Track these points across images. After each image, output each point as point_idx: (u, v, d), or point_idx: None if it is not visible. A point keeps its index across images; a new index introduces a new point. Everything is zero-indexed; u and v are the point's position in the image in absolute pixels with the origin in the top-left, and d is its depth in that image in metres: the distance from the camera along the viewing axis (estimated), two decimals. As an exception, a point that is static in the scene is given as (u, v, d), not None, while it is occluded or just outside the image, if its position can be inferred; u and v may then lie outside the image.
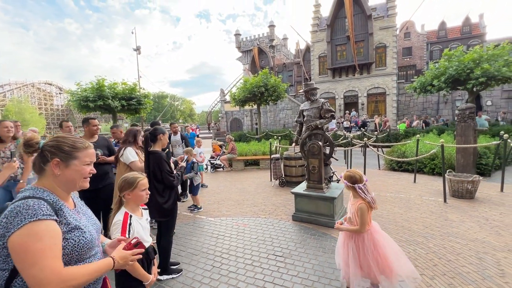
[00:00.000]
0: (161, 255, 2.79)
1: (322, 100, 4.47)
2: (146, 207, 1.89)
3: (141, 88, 19.90)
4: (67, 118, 55.33)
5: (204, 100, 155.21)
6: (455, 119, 7.04)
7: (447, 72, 11.66)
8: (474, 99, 12.32)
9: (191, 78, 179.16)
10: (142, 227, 1.70)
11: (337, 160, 5.01)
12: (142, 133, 3.26)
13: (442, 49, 25.00)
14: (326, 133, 4.32)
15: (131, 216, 1.60)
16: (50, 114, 52.48)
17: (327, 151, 4.39)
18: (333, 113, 4.26)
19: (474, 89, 11.52)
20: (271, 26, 39.52)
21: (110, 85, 13.11)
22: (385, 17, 20.96)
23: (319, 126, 4.20)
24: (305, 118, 4.64)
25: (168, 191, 2.75)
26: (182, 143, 6.09)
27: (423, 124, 16.12)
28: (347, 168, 8.14)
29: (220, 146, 10.60)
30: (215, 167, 9.38)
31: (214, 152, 10.20)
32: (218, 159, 9.57)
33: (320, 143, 4.06)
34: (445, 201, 4.87)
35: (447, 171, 5.48)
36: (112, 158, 3.36)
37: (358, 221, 2.13)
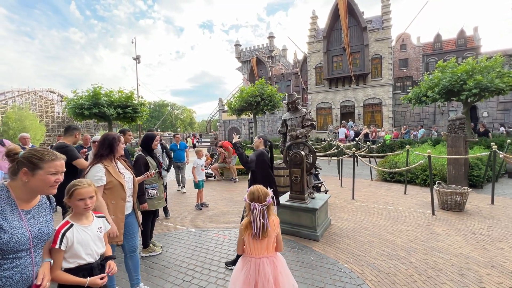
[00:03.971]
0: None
1: (305, 110, 4.44)
2: (102, 214, 1.80)
3: (139, 96, 19.92)
4: (67, 126, 55.48)
5: (205, 109, 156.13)
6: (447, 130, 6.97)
7: (441, 83, 11.69)
8: (468, 110, 12.31)
9: (192, 87, 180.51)
10: (91, 237, 1.58)
11: (320, 169, 4.92)
12: (122, 139, 2.63)
13: (437, 61, 25.24)
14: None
15: (71, 225, 1.49)
16: (51, 122, 52.68)
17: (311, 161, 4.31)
18: (313, 123, 4.22)
19: (468, 100, 11.52)
20: (271, 37, 40.26)
21: (106, 93, 13.25)
22: (380, 29, 21.30)
23: (300, 136, 4.15)
24: (288, 128, 4.59)
25: None
26: (163, 153, 5.46)
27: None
28: (339, 178, 8.04)
29: (211, 155, 10.53)
30: (206, 176, 9.27)
31: (205, 161, 10.11)
32: (209, 168, 9.48)
33: (302, 152, 3.99)
34: (433, 213, 4.75)
35: (437, 182, 5.38)
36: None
37: None
